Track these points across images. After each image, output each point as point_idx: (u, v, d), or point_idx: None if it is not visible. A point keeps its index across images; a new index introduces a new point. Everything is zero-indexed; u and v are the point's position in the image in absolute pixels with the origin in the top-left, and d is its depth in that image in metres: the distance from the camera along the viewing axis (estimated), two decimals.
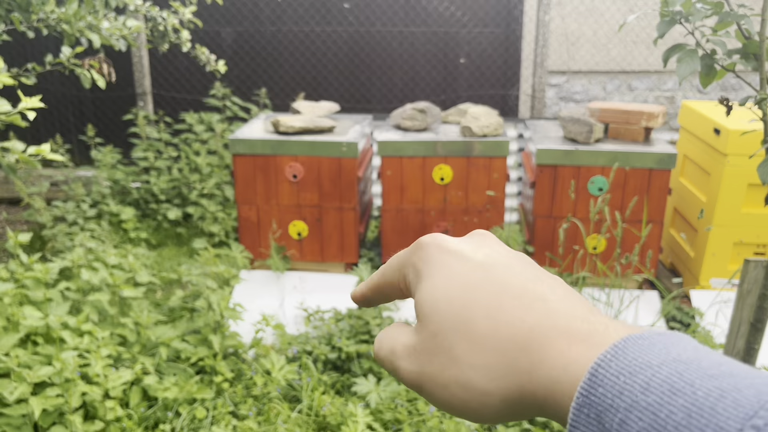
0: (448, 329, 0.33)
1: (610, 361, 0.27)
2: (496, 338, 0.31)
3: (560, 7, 4.87)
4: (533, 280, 0.33)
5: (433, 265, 0.35)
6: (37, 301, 2.61)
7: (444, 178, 3.16)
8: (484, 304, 0.32)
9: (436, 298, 0.34)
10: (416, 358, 0.34)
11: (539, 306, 0.31)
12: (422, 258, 0.36)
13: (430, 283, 0.35)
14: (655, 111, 3.08)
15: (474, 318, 0.32)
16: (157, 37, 3.73)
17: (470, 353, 0.32)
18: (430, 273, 0.35)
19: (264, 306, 3.13)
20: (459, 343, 0.32)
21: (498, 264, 0.34)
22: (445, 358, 0.33)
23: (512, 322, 0.31)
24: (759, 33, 1.78)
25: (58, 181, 4.45)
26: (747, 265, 2.06)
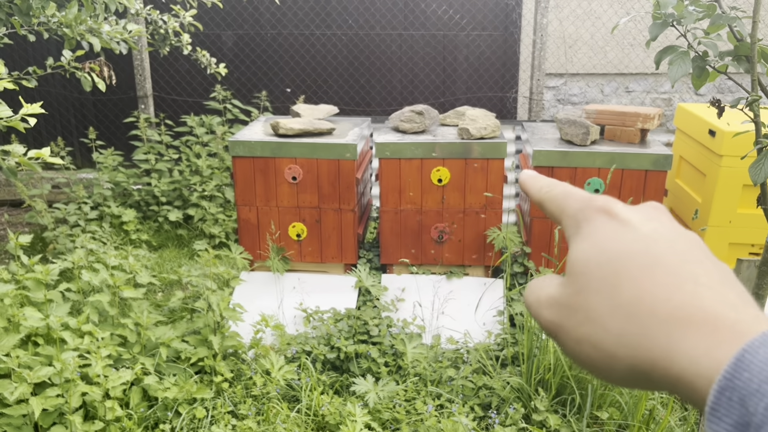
0: (593, 289, 0.33)
1: (759, 348, 0.27)
2: (638, 308, 0.31)
3: (558, 11, 4.90)
4: (692, 261, 0.33)
5: (596, 227, 0.36)
6: (38, 302, 2.64)
7: (442, 179, 3.18)
8: (635, 274, 0.32)
9: (588, 259, 0.34)
10: (558, 309, 0.36)
11: (689, 287, 0.31)
12: (588, 218, 0.37)
13: (587, 244, 0.35)
14: (651, 113, 3.11)
15: (621, 284, 0.32)
16: (158, 40, 3.76)
17: (608, 317, 0.32)
18: (591, 234, 0.36)
19: (263, 307, 3.16)
20: (600, 304, 0.33)
21: (662, 239, 0.34)
22: (583, 316, 0.34)
23: (658, 297, 0.31)
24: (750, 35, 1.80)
25: (60, 184, 4.48)
26: (740, 265, 2.08)
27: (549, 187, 0.41)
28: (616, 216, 0.36)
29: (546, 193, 0.41)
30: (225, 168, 4.39)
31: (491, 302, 3.14)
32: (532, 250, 3.22)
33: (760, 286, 1.93)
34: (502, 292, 3.19)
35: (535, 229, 3.19)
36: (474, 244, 3.30)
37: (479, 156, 3.13)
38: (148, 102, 4.84)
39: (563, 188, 0.40)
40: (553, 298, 0.36)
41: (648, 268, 0.32)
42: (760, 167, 1.76)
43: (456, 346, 2.92)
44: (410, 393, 2.66)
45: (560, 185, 0.41)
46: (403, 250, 3.34)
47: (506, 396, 2.59)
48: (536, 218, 3.18)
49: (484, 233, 3.26)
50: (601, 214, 0.36)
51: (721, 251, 3.12)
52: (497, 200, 3.21)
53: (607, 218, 0.36)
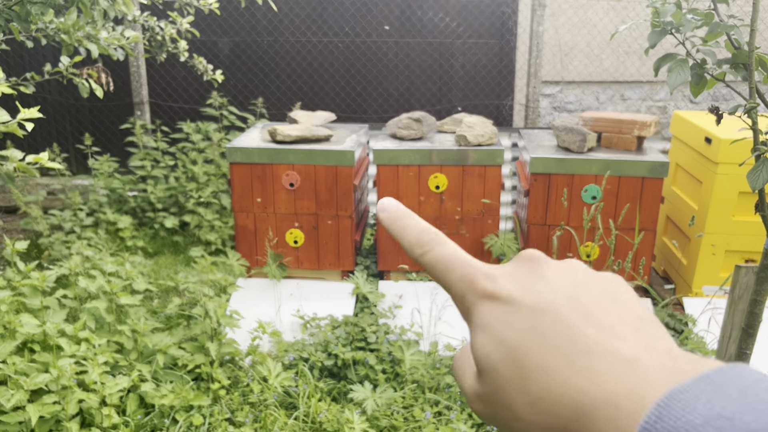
0: (507, 388, 0.33)
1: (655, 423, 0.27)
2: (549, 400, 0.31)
3: (554, 19, 4.93)
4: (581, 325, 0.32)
5: (484, 317, 0.35)
6: (34, 308, 2.62)
7: (439, 186, 3.19)
8: (534, 363, 0.32)
9: (489, 355, 0.34)
10: (486, 405, 0.35)
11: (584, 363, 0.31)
12: (474, 305, 0.36)
13: (484, 338, 0.34)
14: (647, 120, 3.12)
15: (526, 377, 0.32)
16: (155, 46, 3.76)
17: (529, 413, 0.32)
18: (483, 326, 0.35)
19: (261, 313, 3.15)
20: (517, 402, 0.32)
21: (547, 310, 0.33)
22: (508, 414, 0.33)
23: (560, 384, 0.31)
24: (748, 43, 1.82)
25: (55, 190, 4.46)
26: (738, 272, 2.09)
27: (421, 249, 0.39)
28: (498, 297, 0.35)
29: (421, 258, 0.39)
30: (221, 174, 4.38)
31: None
32: None
33: (758, 292, 1.94)
34: None
35: (533, 235, 3.20)
36: (472, 250, 3.30)
37: (476, 163, 3.14)
38: (145, 108, 4.83)
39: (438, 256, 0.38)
40: (478, 394, 0.36)
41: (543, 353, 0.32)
42: (758, 174, 1.78)
43: (454, 353, 2.91)
44: (408, 400, 2.65)
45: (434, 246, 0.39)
46: (401, 256, 3.34)
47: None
48: (533, 225, 3.18)
49: (482, 240, 3.26)
50: (484, 300, 0.35)
51: (718, 258, 3.13)
52: (495, 207, 3.22)
53: (491, 303, 0.35)
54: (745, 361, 2.02)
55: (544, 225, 3.17)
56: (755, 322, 1.98)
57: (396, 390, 2.73)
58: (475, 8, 4.77)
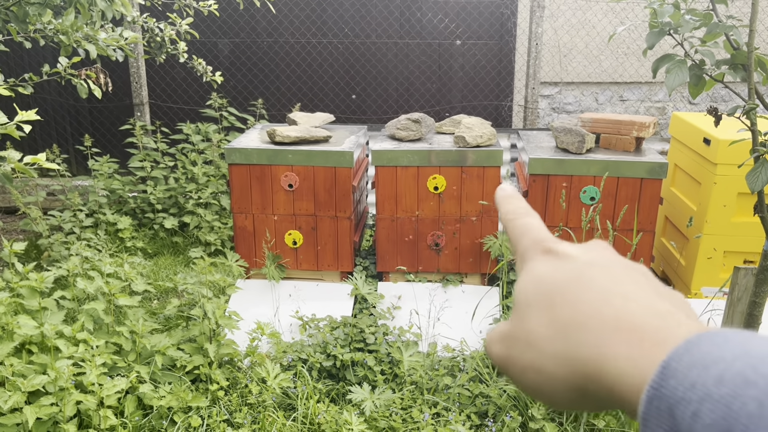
0: (532, 316, 0.35)
1: (683, 355, 0.27)
2: (570, 325, 0.33)
3: (552, 20, 4.93)
4: (626, 282, 0.34)
5: (537, 264, 0.38)
6: (32, 309, 2.62)
7: (438, 187, 3.18)
8: (568, 296, 0.34)
9: (527, 290, 0.36)
10: (505, 342, 0.37)
11: (618, 301, 0.32)
12: (532, 257, 0.39)
13: (528, 277, 0.37)
14: (646, 121, 3.12)
15: (555, 306, 0.34)
16: (154, 47, 3.76)
17: (545, 339, 0.33)
18: (531, 269, 0.38)
19: (259, 314, 3.14)
20: (538, 328, 0.34)
21: (597, 264, 0.35)
22: (524, 343, 0.35)
23: (587, 312, 0.32)
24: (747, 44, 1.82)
25: (55, 191, 4.46)
26: (737, 273, 2.09)
27: (513, 215, 0.43)
28: (556, 252, 0.38)
29: (509, 221, 0.43)
30: (221, 175, 4.38)
31: (487, 310, 3.14)
32: None
33: (757, 293, 1.94)
34: (498, 300, 3.19)
35: None
36: (470, 252, 3.30)
37: (475, 164, 3.14)
38: (144, 109, 4.83)
39: (523, 222, 0.42)
40: (502, 333, 0.37)
41: (580, 289, 0.34)
42: (757, 175, 1.77)
43: (452, 354, 2.91)
44: (407, 401, 2.65)
45: (523, 216, 0.42)
46: (400, 257, 3.34)
47: (503, 404, 2.59)
48: None
49: (480, 241, 3.26)
50: (542, 253, 0.38)
51: (716, 259, 3.13)
52: (493, 208, 3.22)
53: (547, 256, 0.38)
54: None
55: None
56: (754, 323, 1.97)
57: (394, 391, 2.72)
58: (474, 9, 4.77)
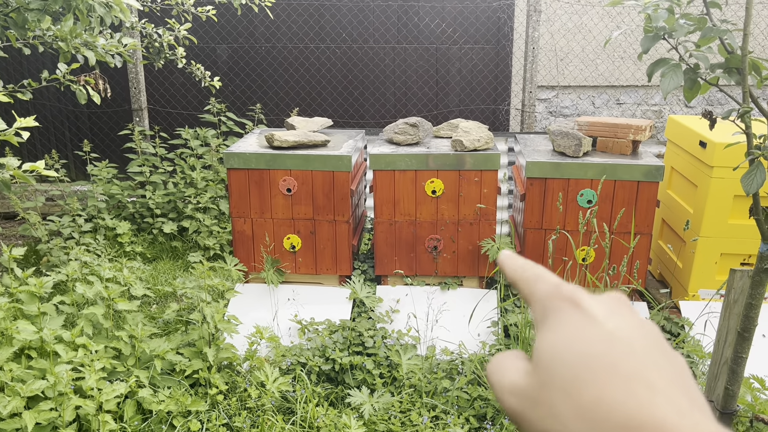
0: (557, 387, 0.34)
1: None
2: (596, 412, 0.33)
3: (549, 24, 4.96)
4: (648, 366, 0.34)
5: (563, 319, 0.37)
6: (32, 314, 2.62)
7: (436, 191, 3.20)
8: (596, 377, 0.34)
9: (554, 354, 0.36)
10: (521, 399, 0.36)
11: (644, 393, 0.33)
12: (555, 308, 0.38)
13: (554, 337, 0.36)
14: (642, 124, 3.14)
15: (582, 387, 0.34)
16: (153, 53, 3.78)
17: (570, 418, 0.33)
18: (557, 326, 0.37)
19: (258, 318, 3.15)
20: (563, 404, 0.34)
21: (622, 339, 0.35)
22: (546, 411, 0.34)
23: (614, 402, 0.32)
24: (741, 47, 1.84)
25: (54, 196, 4.47)
26: (733, 275, 2.10)
27: (522, 269, 0.42)
28: (582, 309, 0.37)
29: (519, 275, 0.42)
30: (219, 180, 4.40)
31: (485, 313, 3.15)
32: None
33: (753, 296, 1.95)
34: (496, 303, 3.20)
35: (529, 239, 3.21)
36: (468, 255, 3.31)
37: (472, 167, 3.15)
38: (143, 115, 4.85)
39: (535, 271, 0.41)
40: (517, 387, 0.37)
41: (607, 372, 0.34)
42: (752, 178, 1.79)
43: (451, 357, 2.92)
44: (405, 404, 2.66)
45: (533, 268, 0.42)
46: (398, 261, 3.35)
47: (501, 407, 2.59)
48: (529, 229, 3.19)
49: (478, 244, 3.27)
50: (567, 305, 0.38)
51: (713, 262, 3.14)
52: (491, 211, 3.23)
53: (573, 310, 0.37)
54: (741, 365, 2.03)
55: (540, 229, 3.18)
56: (750, 325, 1.98)
57: (393, 394, 2.73)
58: (471, 14, 4.79)
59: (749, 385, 2.54)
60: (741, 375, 2.03)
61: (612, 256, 3.12)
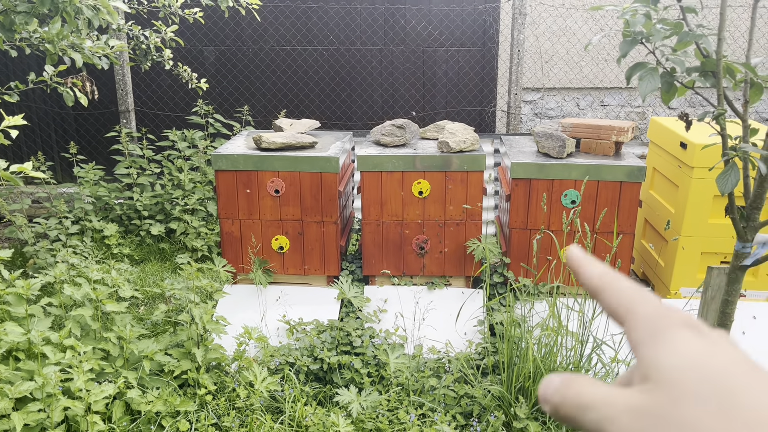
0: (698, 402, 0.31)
1: None
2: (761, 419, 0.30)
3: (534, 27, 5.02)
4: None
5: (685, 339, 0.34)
6: (19, 316, 2.63)
7: (423, 192, 3.24)
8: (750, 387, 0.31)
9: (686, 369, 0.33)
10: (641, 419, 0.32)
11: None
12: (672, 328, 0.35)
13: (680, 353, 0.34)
14: (624, 126, 3.20)
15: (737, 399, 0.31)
16: (140, 55, 3.79)
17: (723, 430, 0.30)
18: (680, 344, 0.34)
19: (247, 319, 3.17)
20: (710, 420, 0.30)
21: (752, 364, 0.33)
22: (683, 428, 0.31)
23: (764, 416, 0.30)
24: (716, 51, 1.89)
25: (41, 198, 4.46)
26: (710, 273, 2.16)
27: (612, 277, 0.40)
28: (705, 334, 0.35)
29: (610, 283, 0.39)
30: (207, 182, 4.41)
31: (472, 312, 3.19)
32: (511, 261, 3.28)
33: (729, 292, 2.01)
34: (482, 302, 3.24)
35: (514, 239, 3.26)
36: (454, 255, 3.35)
37: (459, 169, 3.19)
38: (130, 117, 4.85)
39: (633, 285, 0.39)
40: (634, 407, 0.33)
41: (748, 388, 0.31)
42: (727, 178, 1.84)
43: (438, 356, 2.96)
44: (393, 403, 2.69)
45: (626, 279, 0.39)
46: (385, 261, 3.38)
47: (487, 404, 2.63)
48: (515, 229, 3.24)
49: (465, 244, 3.32)
50: (687, 329, 0.35)
51: (693, 260, 3.21)
52: (477, 212, 3.27)
53: (695, 333, 0.35)
54: None
55: (525, 229, 3.22)
56: (727, 321, 2.04)
57: (381, 393, 2.76)
58: (457, 17, 4.84)
59: None
60: None
61: (595, 255, 3.17)
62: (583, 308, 2.69)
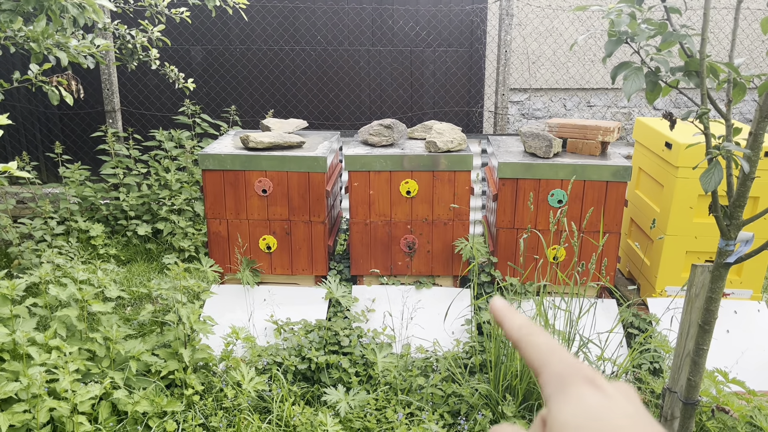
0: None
1: None
2: None
3: (521, 28, 5.04)
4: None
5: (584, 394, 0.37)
6: (4, 317, 2.60)
7: (410, 191, 3.24)
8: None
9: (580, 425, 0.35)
10: None
11: None
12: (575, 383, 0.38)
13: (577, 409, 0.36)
14: (610, 126, 3.22)
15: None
16: (126, 54, 3.76)
17: None
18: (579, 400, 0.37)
19: (234, 319, 3.16)
20: None
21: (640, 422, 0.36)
22: None
23: None
24: (699, 51, 1.91)
25: (25, 198, 4.42)
26: (695, 270, 2.18)
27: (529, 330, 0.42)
28: (603, 389, 0.38)
29: (525, 335, 0.42)
30: (194, 182, 4.39)
31: (459, 311, 3.20)
32: (499, 260, 3.30)
33: (713, 290, 2.03)
34: (469, 301, 3.26)
35: (501, 239, 3.27)
36: (442, 254, 3.36)
37: (446, 168, 3.20)
38: (116, 116, 4.82)
39: (546, 340, 0.41)
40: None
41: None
42: (710, 176, 1.86)
43: (425, 355, 2.97)
44: (381, 402, 2.69)
45: (541, 333, 0.42)
46: (373, 261, 3.38)
47: (475, 403, 2.64)
48: (502, 229, 3.26)
49: (452, 244, 3.33)
50: (588, 384, 0.38)
51: (679, 259, 3.24)
52: (464, 211, 3.29)
53: (593, 389, 0.38)
54: (703, 357, 2.11)
55: (512, 228, 3.24)
56: (711, 318, 2.06)
57: (369, 392, 2.76)
58: (445, 17, 4.86)
59: (714, 378, 2.62)
60: (702, 366, 2.10)
61: (582, 254, 3.19)
62: (569, 307, 2.71)
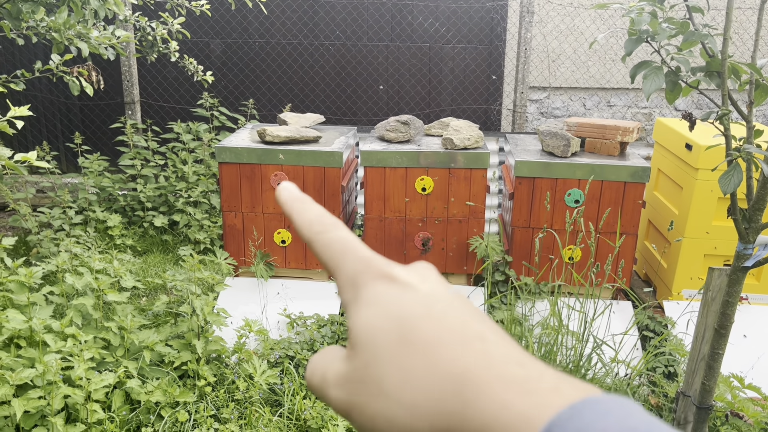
0: (381, 361, 0.31)
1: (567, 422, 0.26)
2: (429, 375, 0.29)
3: (541, 26, 5.00)
4: (473, 319, 0.32)
5: (377, 293, 0.33)
6: (21, 304, 2.64)
7: (426, 188, 3.23)
8: (422, 338, 0.31)
9: (373, 327, 0.32)
10: (346, 386, 0.32)
11: (477, 346, 0.30)
12: (367, 283, 0.34)
13: (370, 311, 0.33)
14: (630, 126, 3.18)
15: (409, 352, 0.30)
16: (146, 46, 3.79)
17: (400, 389, 0.30)
18: (372, 300, 0.33)
19: (247, 312, 3.18)
20: (390, 376, 0.30)
21: (441, 299, 0.33)
22: (374, 390, 0.31)
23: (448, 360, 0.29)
24: (721, 51, 1.88)
25: (45, 188, 4.47)
26: (711, 274, 2.15)
27: (320, 226, 0.37)
28: (396, 280, 0.34)
29: (317, 233, 0.37)
30: (211, 174, 4.41)
31: None
32: (513, 259, 3.28)
33: (730, 293, 2.00)
34: (483, 300, 3.24)
35: (517, 238, 3.25)
36: (456, 252, 3.35)
37: (462, 166, 3.19)
38: (135, 108, 4.86)
39: (339, 236, 0.36)
40: (341, 376, 0.33)
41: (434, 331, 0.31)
42: (729, 178, 1.83)
43: None
44: None
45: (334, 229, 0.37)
46: (387, 257, 3.38)
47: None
48: (517, 228, 3.23)
49: (467, 242, 3.31)
50: (381, 279, 0.34)
51: (697, 262, 3.19)
52: (480, 209, 3.27)
53: (387, 283, 0.34)
54: (718, 361, 2.08)
55: (528, 227, 3.22)
56: (727, 322, 2.03)
57: None
58: (465, 14, 4.83)
59: (729, 383, 2.59)
60: (717, 371, 2.07)
61: (598, 255, 3.16)
62: (584, 308, 2.68)
